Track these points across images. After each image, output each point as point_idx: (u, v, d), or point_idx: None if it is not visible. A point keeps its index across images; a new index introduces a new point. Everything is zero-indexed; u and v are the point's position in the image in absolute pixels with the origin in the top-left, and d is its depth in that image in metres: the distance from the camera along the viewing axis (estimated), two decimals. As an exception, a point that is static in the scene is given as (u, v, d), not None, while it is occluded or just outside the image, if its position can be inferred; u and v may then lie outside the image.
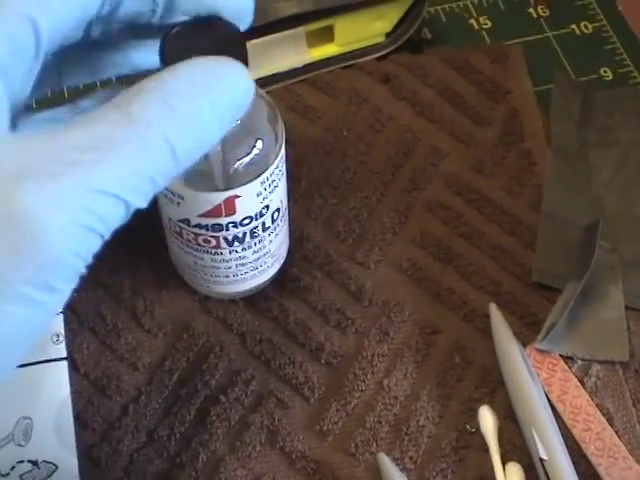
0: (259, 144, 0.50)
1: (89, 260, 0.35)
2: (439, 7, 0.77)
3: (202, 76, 0.37)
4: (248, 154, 0.49)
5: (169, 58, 0.41)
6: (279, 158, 0.51)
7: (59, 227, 0.33)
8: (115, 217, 0.35)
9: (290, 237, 0.60)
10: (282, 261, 0.60)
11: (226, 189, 0.49)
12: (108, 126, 0.35)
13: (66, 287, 0.35)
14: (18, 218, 0.32)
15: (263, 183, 0.50)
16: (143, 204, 0.36)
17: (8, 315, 0.33)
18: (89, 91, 0.46)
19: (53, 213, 0.33)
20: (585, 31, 0.76)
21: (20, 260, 0.33)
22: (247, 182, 0.50)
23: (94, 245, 0.35)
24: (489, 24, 0.76)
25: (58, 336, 0.58)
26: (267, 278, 0.59)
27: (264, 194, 0.51)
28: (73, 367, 0.58)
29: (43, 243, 0.33)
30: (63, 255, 0.33)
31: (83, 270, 0.35)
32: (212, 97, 0.37)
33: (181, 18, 0.42)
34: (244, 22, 0.43)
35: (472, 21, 0.76)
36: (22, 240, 0.33)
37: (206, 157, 0.47)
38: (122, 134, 0.35)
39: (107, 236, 0.35)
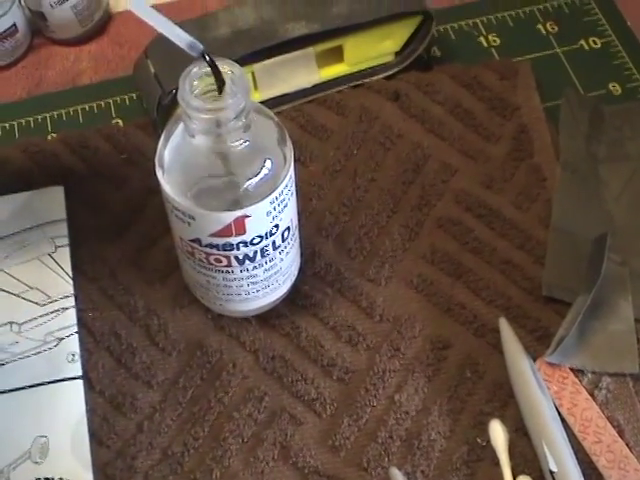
0: (268, 164, 0.51)
1: None
2: (448, 25, 0.78)
3: None
4: (257, 174, 0.50)
5: None
6: (288, 178, 0.52)
7: None
8: None
9: (302, 255, 0.61)
10: (294, 279, 0.60)
11: (236, 209, 0.50)
12: None
13: None
14: None
15: (272, 202, 0.51)
16: None
17: None
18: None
19: None
20: (594, 46, 0.76)
21: None
22: (256, 202, 0.50)
23: None
24: (498, 41, 0.77)
25: (74, 355, 0.59)
26: (279, 296, 0.60)
27: (274, 213, 0.52)
28: (89, 385, 0.59)
29: None
30: None
31: None
32: None
33: None
34: None
35: (481, 39, 0.77)
36: None
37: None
38: None
39: None
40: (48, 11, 0.75)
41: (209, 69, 0.48)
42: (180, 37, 0.47)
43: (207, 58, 0.47)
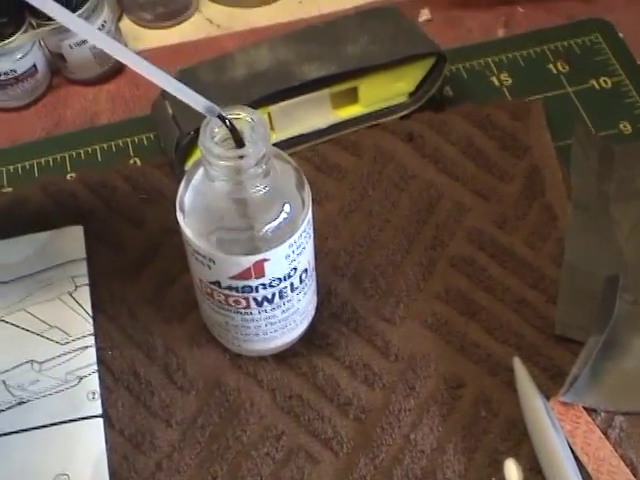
0: (287, 208, 0.52)
1: None
2: (460, 65, 0.79)
3: None
4: (276, 219, 0.51)
5: None
6: (306, 222, 0.53)
7: None
8: None
9: (318, 293, 0.62)
10: (310, 319, 0.61)
11: (255, 252, 0.51)
12: None
13: None
14: None
15: (291, 246, 0.52)
16: None
17: None
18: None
19: None
20: (604, 86, 0.77)
21: None
22: (276, 246, 0.51)
23: None
24: (510, 81, 0.78)
25: (94, 393, 0.60)
26: (296, 336, 0.61)
27: (292, 257, 0.53)
28: (108, 424, 0.59)
29: None
30: None
31: None
32: None
33: None
34: None
35: (493, 78, 0.78)
36: None
37: None
38: None
39: None
40: (67, 52, 0.76)
41: (230, 115, 0.49)
42: (197, 101, 0.48)
43: (226, 122, 0.48)
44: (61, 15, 0.45)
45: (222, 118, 0.48)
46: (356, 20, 0.73)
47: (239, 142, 0.49)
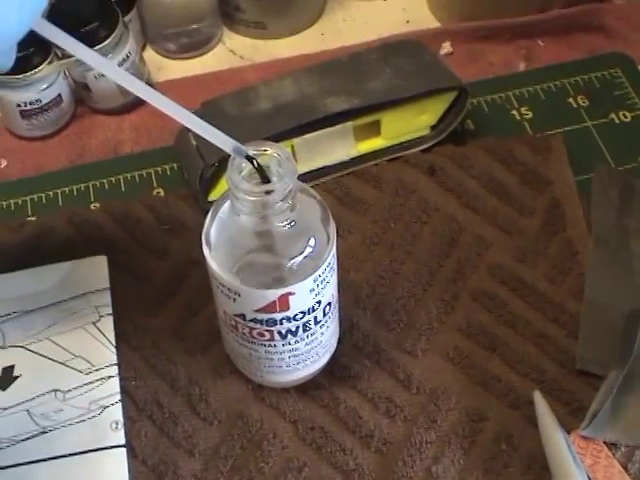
0: (312, 242, 0.52)
1: None
2: (481, 98, 0.79)
3: None
4: (301, 253, 0.52)
5: None
6: (331, 256, 0.53)
7: None
8: None
9: (340, 326, 0.62)
10: (333, 351, 0.61)
11: (280, 286, 0.52)
12: None
13: None
14: None
15: (316, 280, 0.53)
16: None
17: None
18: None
19: None
20: (624, 120, 0.78)
21: None
22: (301, 279, 0.52)
23: None
24: (530, 114, 0.78)
25: (117, 423, 0.60)
26: (318, 367, 0.61)
27: (317, 290, 0.53)
28: (131, 454, 0.60)
29: None
30: None
31: None
32: None
33: None
34: None
35: (514, 112, 0.78)
36: None
37: None
38: None
39: None
40: (92, 82, 0.77)
41: (257, 150, 0.50)
42: (225, 142, 0.49)
43: (254, 163, 0.49)
44: (84, 54, 0.46)
45: (250, 159, 0.49)
46: (379, 54, 0.73)
47: (265, 180, 0.49)
